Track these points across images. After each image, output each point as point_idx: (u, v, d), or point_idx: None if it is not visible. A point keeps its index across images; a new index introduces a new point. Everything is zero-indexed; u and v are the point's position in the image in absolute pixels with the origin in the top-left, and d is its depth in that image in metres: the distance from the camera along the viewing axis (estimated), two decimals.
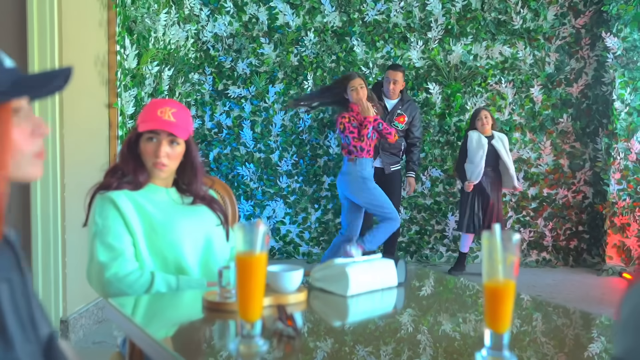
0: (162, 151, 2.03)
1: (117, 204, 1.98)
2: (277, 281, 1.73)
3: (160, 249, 2.00)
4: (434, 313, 1.81)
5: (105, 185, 2.04)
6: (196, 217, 2.10)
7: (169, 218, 2.03)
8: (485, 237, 1.30)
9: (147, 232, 2.00)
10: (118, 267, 1.92)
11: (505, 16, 6.12)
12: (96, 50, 4.13)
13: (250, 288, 1.33)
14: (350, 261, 1.89)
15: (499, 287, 1.30)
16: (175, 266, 2.01)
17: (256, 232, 1.33)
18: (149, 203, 2.03)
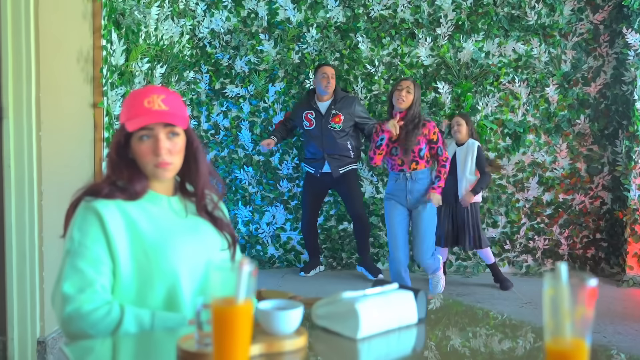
0: (162, 147, 1.67)
1: (102, 217, 1.62)
2: (270, 322, 1.39)
3: (149, 276, 1.64)
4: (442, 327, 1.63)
5: (94, 191, 1.68)
6: (198, 237, 1.74)
7: (165, 239, 1.67)
8: (549, 283, 0.96)
9: (135, 255, 1.63)
10: (83, 302, 1.56)
11: (519, 11, 5.78)
12: (79, 44, 3.79)
13: (230, 348, 0.99)
14: (360, 295, 1.55)
15: (567, 352, 0.96)
16: (166, 296, 1.65)
17: (239, 275, 0.99)
18: (143, 217, 1.68)
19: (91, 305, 1.57)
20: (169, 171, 1.71)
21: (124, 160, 1.70)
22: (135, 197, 1.69)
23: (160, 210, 1.73)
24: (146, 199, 1.71)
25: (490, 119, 5.83)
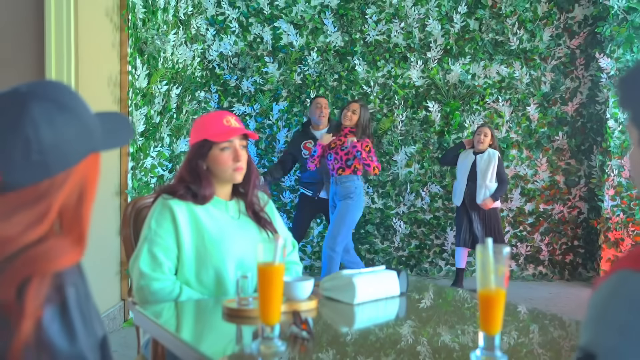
0: (241, 155, 2.17)
1: (174, 214, 2.11)
2: (291, 290, 1.89)
3: (205, 262, 2.12)
4: (434, 325, 1.90)
5: (171, 191, 2.16)
6: (246, 235, 2.19)
7: (222, 235, 2.14)
8: (479, 250, 1.47)
9: (196, 245, 2.12)
10: (154, 280, 2.05)
11: (502, 37, 6.32)
12: (109, 70, 4.31)
13: (270, 295, 1.50)
14: (356, 272, 2.05)
15: (491, 295, 1.46)
16: (215, 279, 2.13)
17: (275, 246, 1.49)
18: (207, 217, 2.15)
19: (158, 285, 2.06)
20: (242, 174, 2.20)
21: (199, 170, 2.18)
22: (203, 202, 2.18)
23: (220, 213, 2.20)
24: (211, 202, 2.19)
25: None
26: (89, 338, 1.09)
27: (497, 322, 1.46)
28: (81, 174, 1.14)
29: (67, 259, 1.08)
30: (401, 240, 6.43)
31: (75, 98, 1.16)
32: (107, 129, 1.21)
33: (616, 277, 0.92)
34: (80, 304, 1.09)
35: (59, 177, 1.11)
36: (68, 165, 1.12)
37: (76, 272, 1.11)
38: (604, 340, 0.89)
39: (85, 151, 1.15)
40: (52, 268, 1.05)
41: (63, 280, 1.07)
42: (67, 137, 1.11)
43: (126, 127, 1.26)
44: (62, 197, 1.11)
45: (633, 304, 0.88)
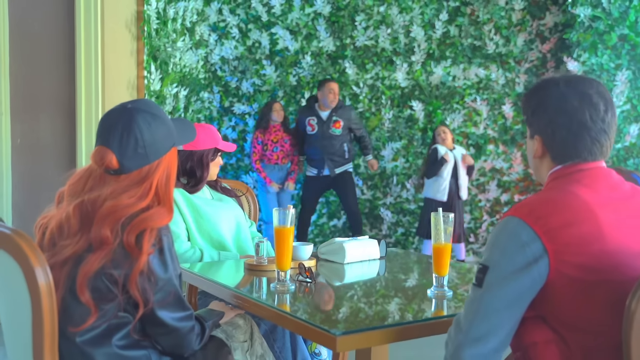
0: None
1: (174, 197, 2.71)
2: (296, 252, 2.48)
3: (206, 231, 2.74)
4: (418, 301, 2.31)
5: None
6: (227, 206, 2.88)
7: (210, 208, 2.78)
8: (433, 215, 2.06)
9: (196, 219, 2.74)
10: (177, 246, 2.65)
11: (480, 42, 6.88)
12: (128, 75, 4.87)
13: (284, 248, 2.08)
14: (346, 239, 2.65)
15: (442, 247, 2.06)
16: (218, 242, 2.75)
17: (288, 214, 2.08)
18: (196, 198, 2.78)
19: (182, 249, 2.66)
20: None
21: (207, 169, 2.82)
22: (197, 190, 2.80)
23: (202, 195, 2.86)
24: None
25: (456, 132, 6.92)
26: (175, 270, 1.69)
27: (445, 267, 2.05)
28: (167, 161, 1.74)
29: (164, 220, 1.68)
30: (388, 228, 7.01)
31: (160, 109, 1.76)
32: (179, 130, 1.81)
33: (503, 220, 1.52)
34: (170, 248, 1.68)
35: (155, 164, 1.70)
36: (160, 155, 1.71)
37: (167, 228, 1.70)
38: (492, 257, 1.49)
39: (170, 146, 1.74)
40: (157, 225, 1.65)
41: (161, 233, 1.66)
42: (159, 136, 1.70)
43: (191, 128, 1.87)
44: (157, 177, 1.70)
45: (509, 235, 1.48)
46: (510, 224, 1.49)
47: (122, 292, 1.60)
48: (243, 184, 3.39)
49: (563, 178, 1.57)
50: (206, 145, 2.81)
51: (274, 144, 6.29)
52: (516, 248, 1.46)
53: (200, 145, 2.80)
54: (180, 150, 2.80)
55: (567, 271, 1.43)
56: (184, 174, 2.81)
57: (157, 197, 1.71)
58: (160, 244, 1.65)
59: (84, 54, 4.32)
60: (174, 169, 1.77)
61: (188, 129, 1.89)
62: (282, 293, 2.07)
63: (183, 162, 2.79)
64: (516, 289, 1.45)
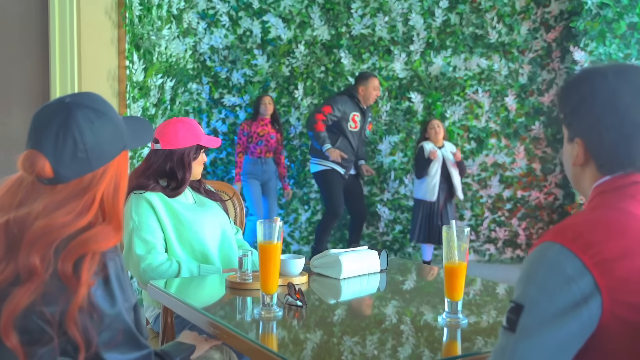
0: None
1: (151, 203, 2.41)
2: (285, 266, 2.17)
3: (188, 240, 2.43)
4: (417, 305, 2.09)
5: (141, 186, 2.46)
6: (211, 212, 2.57)
7: (192, 214, 2.48)
8: (445, 230, 1.75)
9: (176, 226, 2.43)
10: (152, 259, 2.35)
11: (482, 31, 6.59)
12: (108, 65, 4.54)
13: (269, 268, 1.77)
14: (342, 251, 2.34)
15: (455, 267, 1.75)
16: (200, 252, 2.45)
17: (274, 227, 1.77)
18: (176, 203, 2.47)
19: (157, 261, 2.35)
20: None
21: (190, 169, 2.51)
22: (178, 194, 2.50)
23: (184, 199, 2.55)
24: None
25: (457, 125, 6.64)
26: (125, 302, 1.37)
27: (459, 290, 1.75)
28: (116, 168, 1.41)
29: (110, 241, 1.36)
30: (386, 225, 6.72)
31: (107, 105, 1.44)
32: (132, 130, 1.49)
33: (539, 246, 1.21)
34: (119, 276, 1.36)
35: (99, 171, 1.38)
36: (106, 161, 1.39)
37: (115, 251, 1.38)
38: (528, 294, 1.18)
39: (119, 149, 1.42)
40: (100, 248, 1.33)
41: (106, 258, 1.34)
42: (104, 137, 1.38)
43: (148, 128, 1.54)
44: (102, 188, 1.38)
45: (550, 266, 1.16)
46: (551, 252, 1.18)
47: (58, 333, 1.28)
48: (229, 186, 3.08)
49: (613, 193, 1.26)
50: (187, 142, 2.49)
51: (259, 137, 6.01)
52: (559, 284, 1.15)
53: (180, 143, 2.49)
54: (158, 150, 2.49)
55: (624, 314, 1.13)
56: (164, 176, 2.50)
57: (101, 213, 1.38)
58: (105, 272, 1.33)
59: (59, 43, 3.99)
60: (123, 177, 1.45)
61: (143, 128, 1.55)
62: (268, 320, 1.77)
63: (161, 163, 2.48)
64: (560, 336, 1.14)
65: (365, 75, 5.85)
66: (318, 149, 5.70)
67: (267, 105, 6.02)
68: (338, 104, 5.68)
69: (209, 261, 2.46)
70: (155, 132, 2.53)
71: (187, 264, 2.39)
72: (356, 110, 5.75)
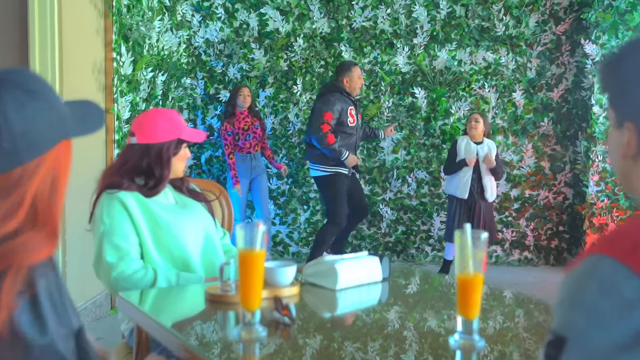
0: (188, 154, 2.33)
1: (125, 203, 2.14)
2: (273, 276, 1.91)
3: (166, 245, 2.17)
4: (420, 310, 1.92)
5: (114, 185, 2.19)
6: (193, 214, 2.30)
7: (172, 217, 2.21)
8: (457, 235, 1.48)
9: (153, 230, 2.16)
10: (124, 267, 2.08)
11: (489, 23, 6.32)
12: (94, 57, 4.28)
13: (251, 281, 1.51)
14: (339, 258, 2.07)
15: (469, 279, 1.48)
16: (181, 259, 2.19)
17: (256, 232, 1.50)
18: (153, 204, 2.20)
19: (130, 269, 2.09)
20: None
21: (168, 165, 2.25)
22: (154, 195, 2.23)
23: (163, 199, 2.28)
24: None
25: (462, 121, 6.36)
26: (61, 328, 1.09)
27: (475, 307, 1.48)
28: (53, 161, 1.14)
29: (42, 252, 1.09)
30: (388, 226, 6.46)
31: (44, 85, 1.16)
32: (77, 116, 1.21)
33: (587, 260, 0.94)
34: (52, 295, 1.09)
35: (31, 164, 1.11)
36: (39, 152, 1.12)
37: (48, 264, 1.11)
38: (573, 324, 0.91)
39: (57, 138, 1.15)
40: (28, 261, 1.06)
41: (35, 273, 1.07)
42: (37, 124, 1.11)
43: (97, 114, 1.26)
44: (35, 185, 1.11)
45: (602, 287, 0.89)
46: (602, 268, 0.91)
47: None
48: (216, 184, 2.80)
49: None
50: (166, 136, 2.23)
51: (245, 132, 5.72)
52: (615, 310, 0.88)
53: (158, 137, 2.22)
54: (135, 145, 2.23)
55: None
56: (140, 173, 2.23)
57: (33, 216, 1.11)
58: (33, 291, 1.06)
59: (38, 32, 3.72)
60: (64, 172, 1.17)
61: (91, 114, 1.26)
62: (249, 342, 1.50)
63: (138, 159, 2.22)
64: None
65: (347, 65, 5.40)
66: (318, 155, 5.28)
67: (246, 97, 5.73)
68: (335, 105, 5.20)
69: (190, 269, 2.19)
70: (132, 125, 2.27)
71: (164, 272, 2.13)
72: (350, 104, 5.34)
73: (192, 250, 2.21)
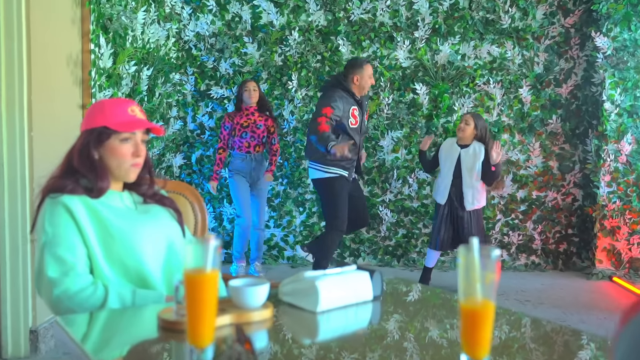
0: (142, 150, 1.94)
1: (70, 209, 1.83)
2: (240, 297, 1.59)
3: (119, 257, 1.85)
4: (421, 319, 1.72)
5: (57, 188, 1.88)
6: (154, 220, 1.98)
7: (127, 223, 1.89)
8: (462, 253, 1.16)
9: (103, 240, 1.85)
10: (69, 283, 1.77)
11: (494, 15, 6.01)
12: (69, 48, 3.97)
13: (200, 310, 1.19)
14: (321, 274, 1.75)
15: (477, 309, 1.16)
16: (136, 274, 1.87)
17: (207, 248, 1.19)
18: (104, 208, 1.89)
19: (76, 286, 1.77)
20: (137, 172, 1.97)
21: (93, 159, 1.90)
22: (99, 195, 1.90)
23: (116, 203, 1.95)
24: (104, 195, 1.92)
25: None
26: None
27: (485, 344, 1.16)
28: None
29: None
30: (388, 229, 6.15)
31: None
32: None
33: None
34: None
35: None
36: None
37: None
38: None
39: None
40: None
41: None
42: None
43: None
44: None
45: None
46: None
47: None
48: (188, 187, 2.48)
49: None
50: (89, 123, 1.92)
51: (243, 129, 5.36)
52: None
53: (83, 127, 1.93)
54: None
55: None
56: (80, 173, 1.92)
57: None
58: None
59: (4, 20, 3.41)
60: None
61: None
62: None
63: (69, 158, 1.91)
64: None
65: (359, 62, 4.98)
66: (320, 151, 4.79)
67: (252, 91, 5.36)
68: (337, 101, 4.78)
69: (148, 285, 1.87)
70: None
71: (117, 288, 1.81)
72: (354, 104, 4.91)
73: (151, 263, 1.89)
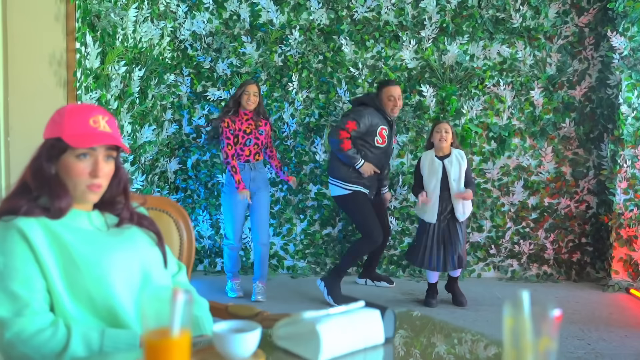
0: (101, 170, 1.63)
1: (26, 234, 1.54)
2: (225, 345, 1.31)
3: (85, 289, 1.57)
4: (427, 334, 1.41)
5: (10, 209, 1.59)
6: (128, 244, 1.70)
7: (94, 249, 1.61)
8: (509, 312, 0.89)
9: (66, 269, 1.56)
10: (23, 325, 1.49)
11: (504, 14, 5.72)
12: (51, 47, 3.70)
13: None
14: (322, 315, 1.47)
15: None
16: (105, 309, 1.58)
17: (173, 306, 0.90)
18: (67, 232, 1.60)
19: (33, 327, 1.49)
20: (99, 194, 1.68)
21: (47, 175, 1.62)
22: (59, 216, 1.62)
23: (82, 225, 1.67)
24: (68, 216, 1.64)
25: (475, 122, 5.77)
26: None
27: None
28: None
29: None
30: (393, 238, 5.86)
31: None
32: None
33: None
34: None
35: None
36: None
37: None
38: None
39: None
40: None
41: None
42: None
43: None
44: None
45: None
46: None
47: None
48: (172, 203, 2.19)
49: None
50: (48, 133, 1.65)
51: (246, 135, 4.95)
52: None
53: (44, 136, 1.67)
54: None
55: None
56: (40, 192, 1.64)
57: None
58: None
59: None
60: None
61: None
62: None
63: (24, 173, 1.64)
64: None
65: (383, 82, 5.10)
66: (343, 170, 4.89)
67: (252, 96, 4.92)
68: (364, 117, 4.84)
69: (119, 323, 1.59)
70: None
71: (82, 329, 1.52)
72: (384, 124, 4.93)
73: (123, 296, 1.60)
